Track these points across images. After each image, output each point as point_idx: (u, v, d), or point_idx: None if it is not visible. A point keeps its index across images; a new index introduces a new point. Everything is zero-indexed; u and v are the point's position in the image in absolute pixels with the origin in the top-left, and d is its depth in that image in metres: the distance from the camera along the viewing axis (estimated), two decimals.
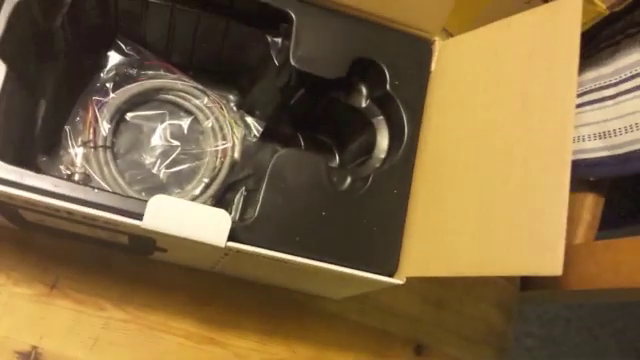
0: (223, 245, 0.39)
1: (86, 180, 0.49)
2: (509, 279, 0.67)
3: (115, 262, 0.52)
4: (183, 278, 0.54)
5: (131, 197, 0.41)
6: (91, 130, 0.51)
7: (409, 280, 0.43)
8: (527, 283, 0.67)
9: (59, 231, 0.47)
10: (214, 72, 0.56)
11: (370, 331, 0.59)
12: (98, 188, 0.40)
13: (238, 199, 0.54)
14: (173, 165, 0.53)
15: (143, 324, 0.52)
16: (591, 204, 0.68)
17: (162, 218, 0.39)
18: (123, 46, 0.53)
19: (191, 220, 0.39)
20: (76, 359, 0.49)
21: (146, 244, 0.46)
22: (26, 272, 0.50)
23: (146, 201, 0.38)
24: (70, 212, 0.39)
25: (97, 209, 0.38)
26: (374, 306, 0.59)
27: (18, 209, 0.42)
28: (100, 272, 0.52)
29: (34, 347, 0.49)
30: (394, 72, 0.48)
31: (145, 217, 0.38)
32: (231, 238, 0.40)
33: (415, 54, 0.49)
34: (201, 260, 0.50)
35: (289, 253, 0.42)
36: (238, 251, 0.41)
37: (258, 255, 0.41)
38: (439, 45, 0.49)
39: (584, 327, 1.47)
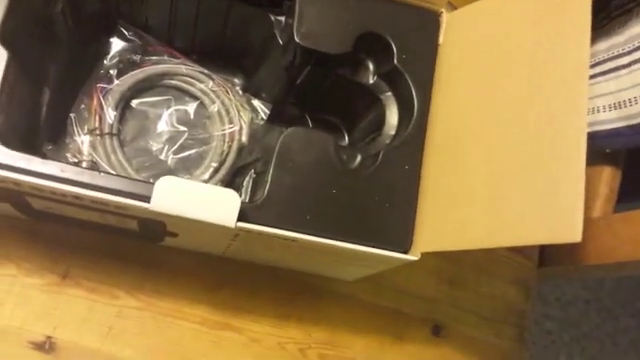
0: (233, 225, 0.39)
1: (93, 167, 0.49)
2: (527, 256, 0.66)
3: (126, 250, 0.52)
4: (195, 264, 0.53)
5: (139, 180, 0.40)
6: (97, 118, 0.50)
7: (424, 259, 0.42)
8: (545, 260, 0.66)
9: (68, 219, 0.46)
10: (218, 55, 0.55)
11: (386, 312, 0.58)
12: (105, 172, 0.39)
13: (247, 182, 0.54)
14: (181, 151, 0.53)
15: (157, 311, 0.51)
16: (608, 177, 0.67)
17: (170, 200, 0.38)
18: (125, 32, 0.52)
19: (200, 201, 0.38)
20: (91, 348, 0.49)
21: (156, 229, 0.45)
22: (37, 262, 0.49)
23: (154, 184, 0.38)
24: (77, 197, 0.39)
25: (104, 193, 0.38)
26: (389, 287, 0.58)
27: (26, 197, 0.42)
28: (112, 260, 0.51)
29: (48, 337, 0.48)
30: (401, 46, 0.47)
31: (153, 199, 0.38)
32: (241, 218, 0.39)
33: (422, 27, 0.48)
34: (212, 244, 0.49)
35: (300, 232, 0.41)
36: (249, 231, 0.40)
37: (268, 235, 0.41)
38: (446, 17, 0.48)
39: (604, 308, 1.45)
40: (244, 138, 0.53)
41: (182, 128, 0.53)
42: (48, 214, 0.46)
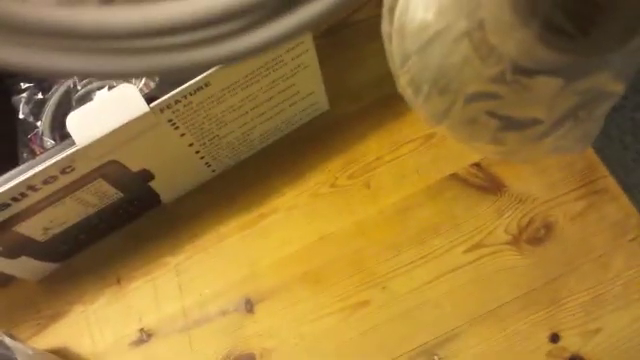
0: (147, 108, 0.41)
1: None
2: None
3: (144, 232, 0.55)
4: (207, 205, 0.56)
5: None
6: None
7: None
8: None
9: (70, 232, 0.51)
10: None
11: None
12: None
13: None
14: None
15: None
16: None
17: (87, 129, 0.41)
18: (22, 84, 0.57)
19: (108, 111, 0.42)
20: None
21: (133, 181, 0.49)
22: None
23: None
24: (46, 179, 0.42)
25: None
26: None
27: (17, 226, 0.46)
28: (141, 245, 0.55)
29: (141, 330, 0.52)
30: None
31: (75, 140, 0.41)
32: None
33: None
34: (186, 163, 0.52)
35: None
36: (170, 106, 0.43)
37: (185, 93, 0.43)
38: None
39: None
40: None
41: None
42: (56, 241, 0.50)
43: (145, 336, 0.52)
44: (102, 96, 0.43)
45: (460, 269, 0.52)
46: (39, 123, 0.57)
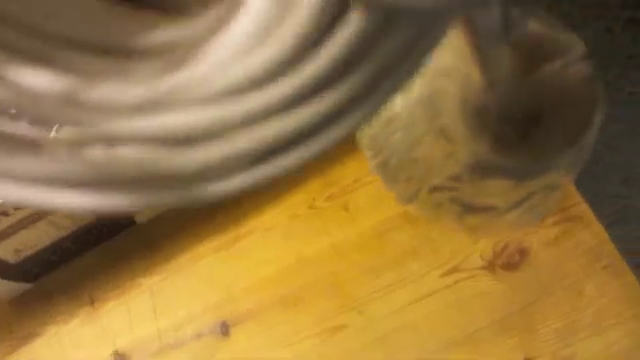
0: None
1: None
2: None
3: (118, 252, 0.55)
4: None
5: None
6: None
7: None
8: None
9: (42, 253, 0.50)
10: None
11: None
12: None
13: None
14: None
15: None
16: None
17: None
18: None
19: None
20: None
21: None
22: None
23: None
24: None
25: None
26: None
27: None
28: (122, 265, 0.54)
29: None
30: None
31: None
32: None
33: None
34: None
35: None
36: None
37: None
38: None
39: None
40: None
41: None
42: (28, 262, 0.50)
43: (119, 359, 0.52)
44: None
45: (437, 293, 0.52)
46: None
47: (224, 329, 0.52)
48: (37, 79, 0.14)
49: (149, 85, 0.13)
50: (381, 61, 0.12)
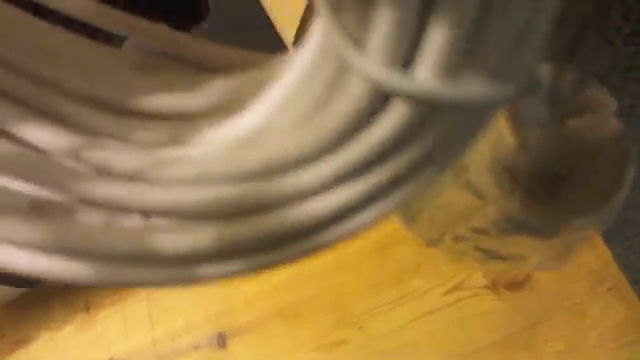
0: None
1: None
2: None
3: None
4: None
5: None
6: None
7: None
8: None
9: None
10: None
11: None
12: None
13: None
14: None
15: None
16: None
17: None
18: None
19: None
20: None
21: None
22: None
23: None
24: None
25: None
26: None
27: None
28: None
29: None
30: None
31: None
32: None
33: None
34: None
35: None
36: None
37: None
38: None
39: None
40: None
41: None
42: None
43: None
44: None
45: (438, 311, 0.52)
46: None
47: (221, 341, 0.51)
48: (44, 135, 0.13)
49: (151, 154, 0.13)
50: (421, 149, 0.11)
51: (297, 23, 0.42)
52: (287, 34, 0.40)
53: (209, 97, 0.14)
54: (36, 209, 0.13)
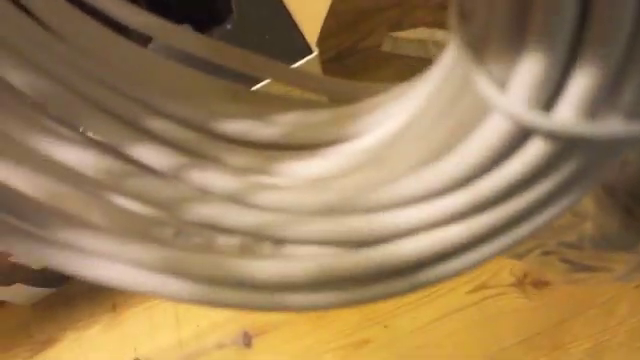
0: None
1: None
2: None
3: None
4: None
5: None
6: None
7: None
8: None
9: None
10: None
11: None
12: None
13: None
14: None
15: None
16: None
17: None
18: None
19: None
20: None
21: None
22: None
23: None
24: None
25: None
26: None
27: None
28: None
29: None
30: None
31: None
32: None
33: None
34: None
35: None
36: None
37: None
38: None
39: None
40: None
41: None
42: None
43: None
44: None
45: (464, 310, 0.51)
46: None
47: (246, 340, 0.51)
48: (151, 154, 0.13)
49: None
50: (551, 185, 0.11)
51: (320, 23, 0.42)
52: (311, 35, 0.40)
53: (301, 130, 0.14)
54: (146, 228, 0.13)
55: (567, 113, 0.11)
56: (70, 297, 0.54)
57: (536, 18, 0.11)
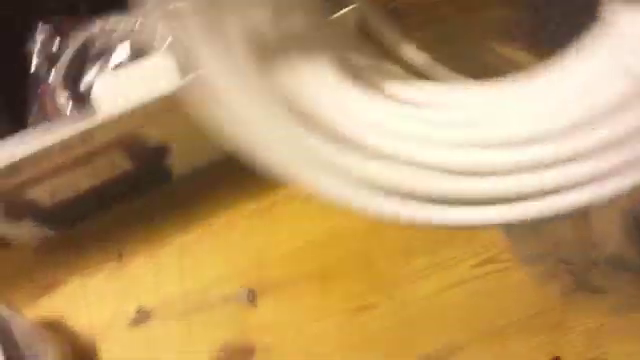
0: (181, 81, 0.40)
1: None
2: None
3: (151, 208, 0.54)
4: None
5: None
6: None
7: None
8: None
9: (75, 202, 0.49)
10: None
11: None
12: None
13: None
14: None
15: None
16: None
17: (114, 99, 0.40)
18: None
19: (141, 83, 0.40)
20: None
21: (150, 156, 0.47)
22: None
23: None
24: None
25: None
26: None
27: (27, 190, 0.44)
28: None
29: None
30: None
31: (101, 109, 0.40)
32: None
33: None
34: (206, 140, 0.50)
35: None
36: None
37: None
38: None
39: None
40: None
41: None
42: (61, 207, 0.49)
43: (143, 317, 0.51)
44: (134, 64, 0.41)
45: (469, 283, 0.51)
46: (52, 75, 0.54)
47: (251, 297, 0.51)
48: None
49: None
50: None
51: None
52: None
53: None
54: None
55: None
56: (75, 242, 0.53)
57: None
